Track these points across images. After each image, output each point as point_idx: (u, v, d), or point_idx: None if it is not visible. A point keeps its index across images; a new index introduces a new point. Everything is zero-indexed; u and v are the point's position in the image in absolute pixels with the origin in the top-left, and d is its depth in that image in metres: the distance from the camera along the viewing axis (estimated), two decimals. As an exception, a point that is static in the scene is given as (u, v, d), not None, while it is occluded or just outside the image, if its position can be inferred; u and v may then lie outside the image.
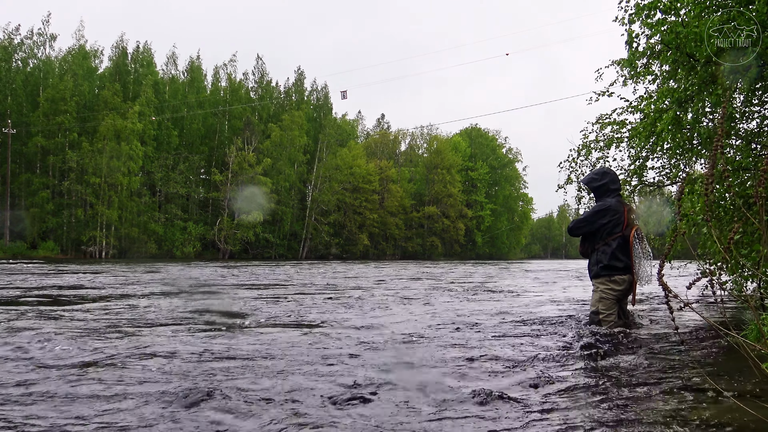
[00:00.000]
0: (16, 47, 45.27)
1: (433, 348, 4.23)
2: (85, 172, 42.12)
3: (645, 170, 6.26)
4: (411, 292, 9.99)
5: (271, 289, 10.49)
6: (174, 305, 7.30)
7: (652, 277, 4.61)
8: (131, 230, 44.38)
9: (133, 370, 3.38)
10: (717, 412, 2.52)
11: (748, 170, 4.61)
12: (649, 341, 4.41)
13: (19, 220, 40.08)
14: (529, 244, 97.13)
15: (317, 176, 56.16)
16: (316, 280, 13.83)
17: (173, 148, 48.79)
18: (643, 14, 4.64)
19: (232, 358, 3.78)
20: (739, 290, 4.88)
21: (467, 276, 16.99)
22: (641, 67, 5.48)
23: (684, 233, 1.95)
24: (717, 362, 3.66)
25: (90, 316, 6.05)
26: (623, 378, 3.23)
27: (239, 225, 48.66)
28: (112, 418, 2.48)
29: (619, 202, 4.96)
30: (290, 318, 6.07)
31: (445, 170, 65.31)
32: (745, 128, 5.18)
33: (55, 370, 3.36)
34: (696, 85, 4.57)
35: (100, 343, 4.32)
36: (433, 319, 5.98)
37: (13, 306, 7.05)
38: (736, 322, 5.09)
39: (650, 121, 5.21)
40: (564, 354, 3.89)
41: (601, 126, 6.69)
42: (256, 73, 58.80)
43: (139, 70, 50.36)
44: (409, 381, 3.20)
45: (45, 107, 42.33)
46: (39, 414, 2.54)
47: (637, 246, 4.78)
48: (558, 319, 5.91)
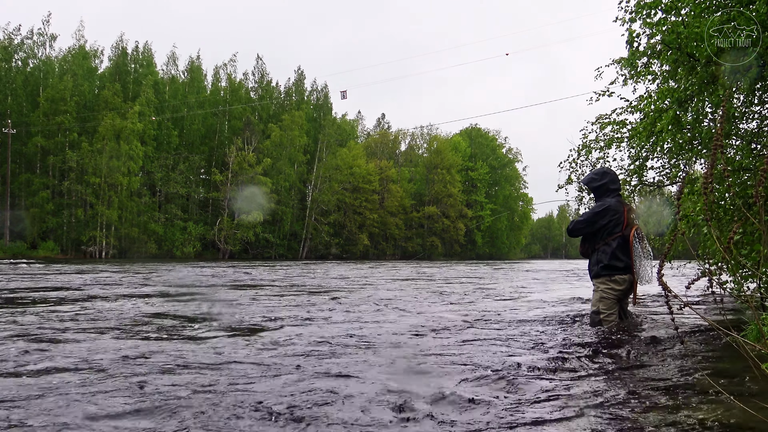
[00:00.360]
0: (16, 47, 45.27)
1: (414, 348, 4.23)
2: (85, 172, 42.13)
3: (645, 170, 6.27)
4: (394, 294, 9.99)
5: (250, 290, 10.11)
6: (137, 307, 6.93)
7: (652, 276, 4.61)
8: (131, 230, 44.37)
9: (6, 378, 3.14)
10: (717, 412, 2.52)
11: (749, 170, 4.61)
12: (650, 341, 4.41)
13: (19, 220, 40.08)
14: (529, 244, 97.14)
15: (317, 176, 56.17)
16: (306, 281, 13.75)
17: (173, 148, 48.79)
18: (644, 13, 4.64)
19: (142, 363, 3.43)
20: (739, 290, 4.87)
21: (465, 276, 16.99)
22: (641, 67, 5.48)
23: (683, 233, 1.95)
24: (717, 362, 3.66)
25: (31, 319, 5.65)
26: (623, 377, 3.23)
27: (239, 225, 48.66)
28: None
29: (619, 202, 4.95)
30: (246, 324, 5.57)
31: (445, 170, 65.33)
32: (745, 128, 5.18)
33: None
34: (696, 85, 4.57)
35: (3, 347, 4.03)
36: (412, 320, 5.98)
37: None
38: (736, 322, 5.09)
39: (650, 120, 5.21)
40: (564, 354, 3.89)
41: (601, 126, 6.69)
42: (256, 73, 58.85)
43: (139, 70, 50.38)
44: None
45: (45, 107, 42.34)
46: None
47: (637, 245, 4.78)
48: (558, 319, 5.91)
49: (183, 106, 49.73)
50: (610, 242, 4.85)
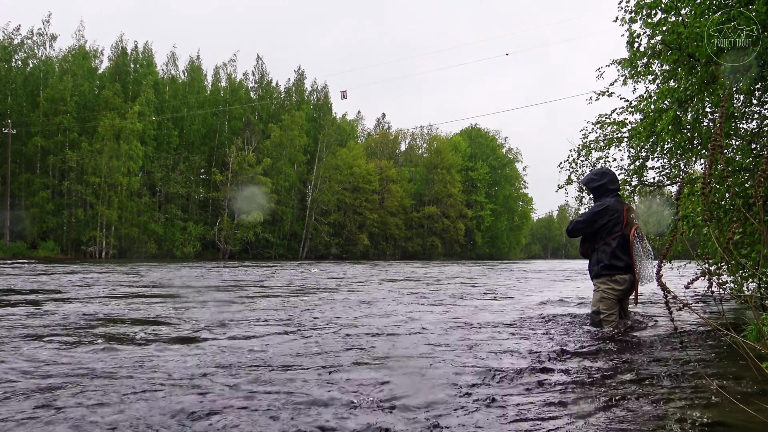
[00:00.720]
0: (16, 47, 45.28)
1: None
2: (84, 172, 42.12)
3: (645, 170, 6.26)
4: (380, 294, 9.99)
5: (232, 292, 9.71)
6: (93, 310, 6.43)
7: (653, 276, 4.61)
8: (131, 230, 44.38)
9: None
10: (717, 412, 2.52)
11: (748, 170, 4.61)
12: (650, 341, 4.41)
13: (19, 220, 40.07)
14: (529, 244, 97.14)
15: (317, 176, 56.18)
16: (294, 281, 13.70)
17: (173, 148, 48.80)
18: (644, 13, 4.63)
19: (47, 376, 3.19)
20: (739, 290, 4.87)
21: (462, 275, 17.00)
22: (641, 67, 5.48)
23: (683, 233, 1.95)
24: (717, 362, 3.65)
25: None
26: (623, 378, 3.22)
27: (239, 225, 48.66)
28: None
29: (618, 202, 4.95)
30: (189, 330, 5.01)
31: (445, 170, 65.34)
32: (745, 128, 5.18)
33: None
34: (696, 85, 4.56)
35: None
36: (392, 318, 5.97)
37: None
38: (735, 322, 5.09)
39: (650, 120, 5.21)
40: (564, 354, 3.88)
41: (601, 125, 6.69)
42: (256, 73, 58.87)
43: (139, 70, 50.40)
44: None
45: (45, 107, 42.35)
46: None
47: (637, 245, 4.78)
48: (558, 319, 5.91)
49: (183, 106, 49.74)
50: (610, 242, 4.84)
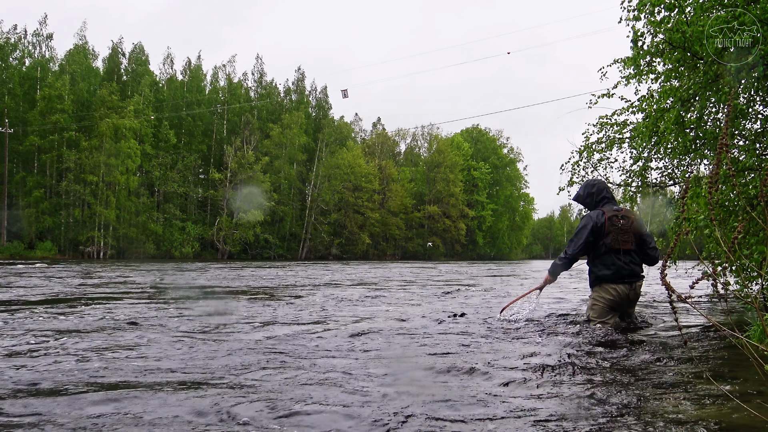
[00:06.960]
0: (12, 46, 45.20)
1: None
2: (82, 171, 41.97)
3: (648, 171, 6.24)
4: (366, 294, 9.96)
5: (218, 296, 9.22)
6: (49, 316, 5.86)
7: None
8: (129, 230, 44.28)
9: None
10: (720, 412, 2.50)
11: (753, 170, 4.59)
12: (652, 341, 4.39)
13: (16, 220, 39.96)
14: (531, 245, 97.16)
15: (317, 175, 56.14)
16: (284, 281, 13.37)
17: (171, 147, 48.73)
18: (647, 10, 4.61)
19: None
20: (743, 291, 4.85)
21: (461, 276, 16.99)
22: (644, 66, 5.46)
23: (687, 233, 1.93)
24: (720, 363, 3.63)
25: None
26: (624, 378, 3.21)
27: (238, 225, 48.57)
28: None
29: (601, 211, 4.97)
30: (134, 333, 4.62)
31: (447, 169, 65.29)
32: (749, 128, 5.16)
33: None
34: (699, 84, 4.54)
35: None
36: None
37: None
38: (739, 322, 5.07)
39: (653, 120, 5.19)
40: (564, 354, 3.86)
41: (601, 125, 6.66)
42: (255, 73, 58.87)
43: (137, 69, 50.37)
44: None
45: (41, 106, 42.16)
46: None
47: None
48: (558, 318, 5.89)
49: (182, 104, 49.71)
50: (598, 253, 4.98)
